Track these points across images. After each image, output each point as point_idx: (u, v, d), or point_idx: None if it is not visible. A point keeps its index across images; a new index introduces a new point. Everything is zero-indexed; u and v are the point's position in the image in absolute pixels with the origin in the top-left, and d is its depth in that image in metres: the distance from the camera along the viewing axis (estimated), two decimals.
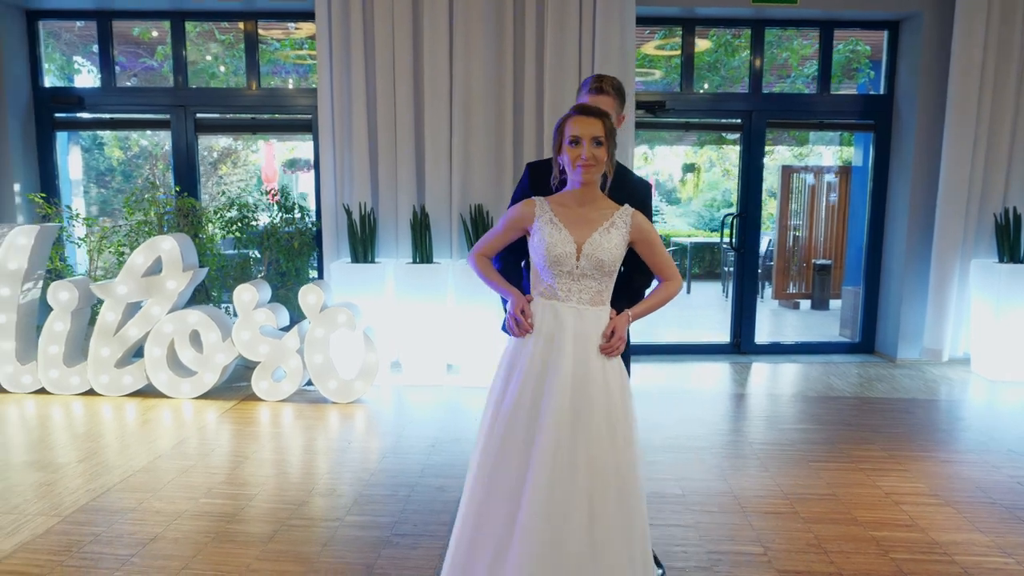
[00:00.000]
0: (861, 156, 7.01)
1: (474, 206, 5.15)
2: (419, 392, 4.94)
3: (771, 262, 9.25)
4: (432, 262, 5.11)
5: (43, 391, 4.78)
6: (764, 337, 6.73)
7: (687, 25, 5.67)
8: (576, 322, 2.13)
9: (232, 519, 3.03)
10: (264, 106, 5.72)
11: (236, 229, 5.48)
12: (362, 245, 5.09)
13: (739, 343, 6.06)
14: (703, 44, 8.55)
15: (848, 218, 8.33)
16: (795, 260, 8.89)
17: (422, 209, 5.11)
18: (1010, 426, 4.29)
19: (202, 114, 5.71)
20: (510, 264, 2.46)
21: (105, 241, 5.34)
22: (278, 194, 5.56)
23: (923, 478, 3.50)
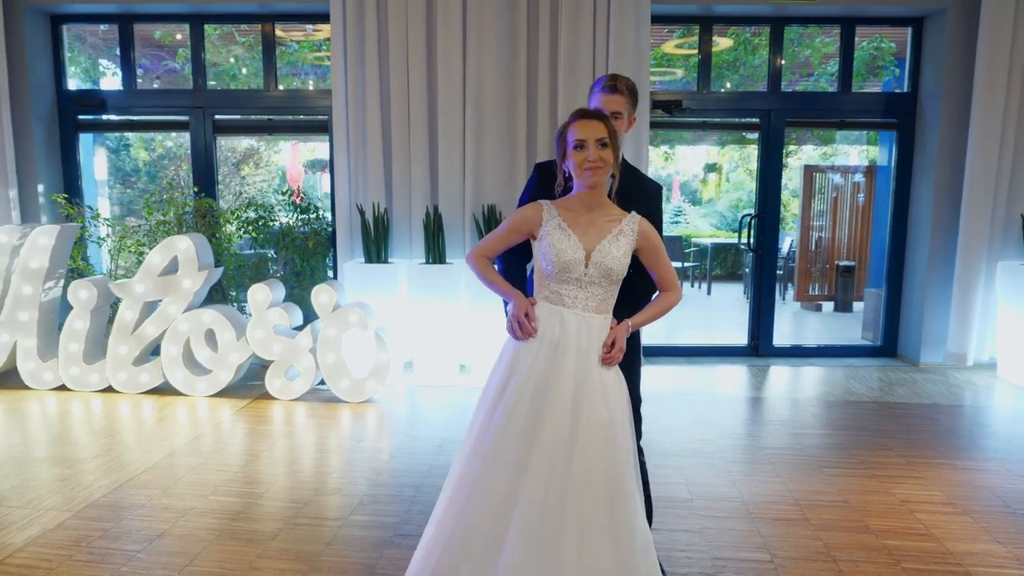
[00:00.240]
0: (886, 155, 6.87)
1: (487, 206, 5.14)
2: (431, 392, 4.94)
3: (793, 263, 9.11)
4: (445, 262, 5.12)
5: (64, 388, 4.87)
6: (784, 340, 6.63)
7: (704, 23, 5.60)
8: (582, 330, 2.11)
9: (238, 517, 3.06)
10: (281, 107, 5.78)
11: (252, 229, 5.54)
12: (375, 245, 5.11)
13: (757, 345, 5.97)
14: (725, 43, 8.46)
15: (873, 218, 8.18)
16: (818, 261, 8.74)
17: (435, 209, 5.11)
18: None
19: (220, 115, 5.78)
20: (514, 266, 2.42)
21: (125, 241, 5.43)
22: (301, 195, 5.62)
23: (941, 486, 3.41)
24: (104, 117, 5.89)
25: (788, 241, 9.74)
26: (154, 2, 5.39)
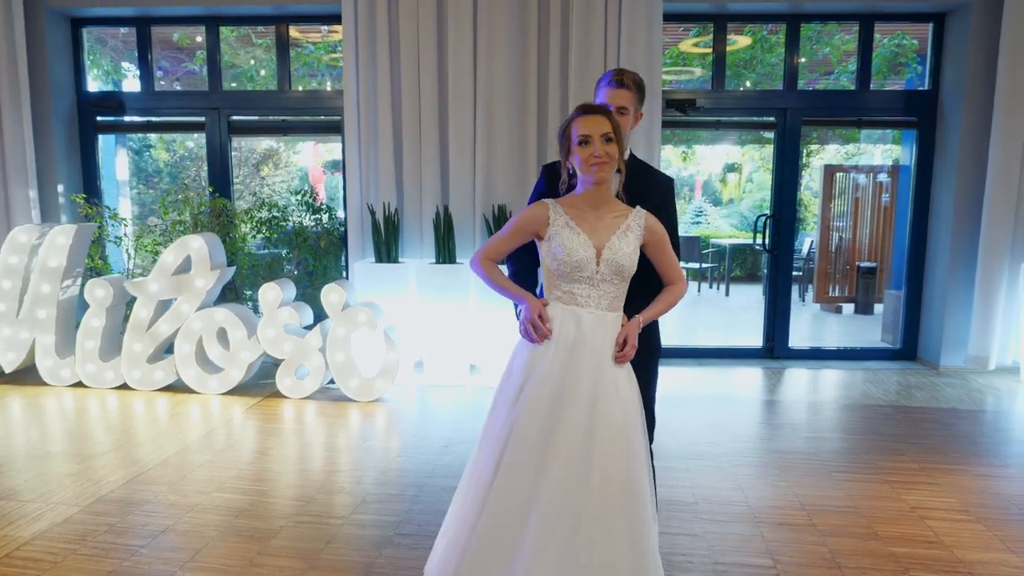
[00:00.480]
0: (909, 155, 6.73)
1: (497, 206, 5.14)
2: (441, 392, 4.94)
3: (813, 264, 8.97)
4: (455, 262, 5.12)
5: (80, 384, 4.96)
6: (801, 342, 6.53)
7: (718, 21, 5.53)
8: (597, 329, 2.08)
9: (242, 514, 3.08)
10: (296, 108, 5.82)
11: (266, 229, 5.59)
12: (385, 245, 5.13)
13: (772, 347, 5.89)
14: (743, 41, 8.36)
15: (895, 219, 8.02)
16: (839, 262, 8.59)
17: (445, 209, 5.11)
18: None
19: (236, 116, 5.84)
20: (525, 265, 2.41)
21: (142, 240, 5.51)
22: (313, 195, 5.66)
23: (955, 492, 3.33)
24: (124, 119, 5.98)
25: (808, 242, 9.59)
26: (170, 5, 5.47)
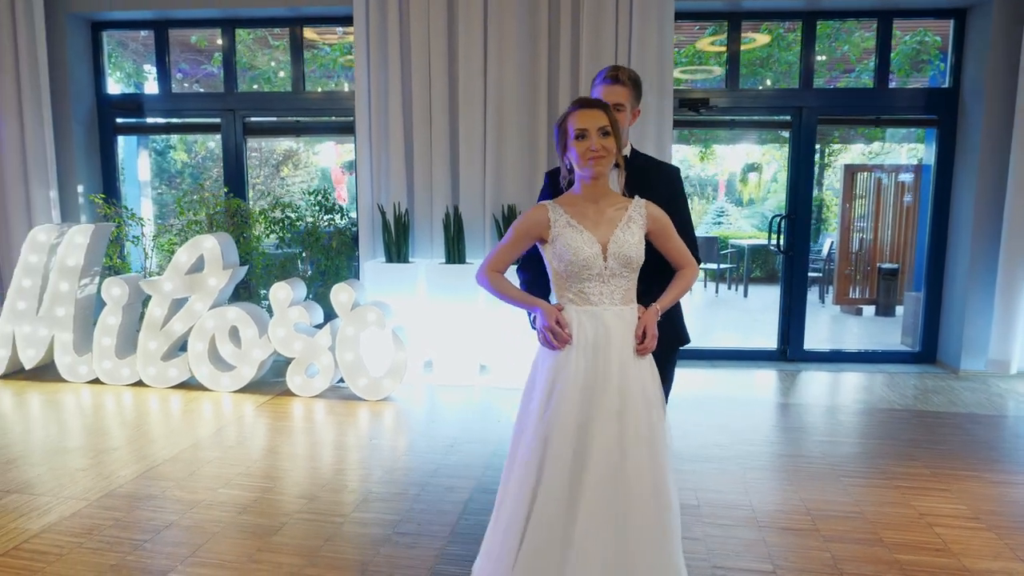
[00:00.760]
0: (931, 154, 6.59)
1: (506, 206, 5.13)
2: (450, 392, 4.95)
3: (833, 265, 8.83)
4: (465, 262, 5.12)
5: (98, 381, 5.06)
6: (819, 344, 6.43)
7: (732, 19, 5.47)
8: (618, 325, 2.06)
9: (245, 510, 3.12)
10: (309, 109, 5.87)
11: (279, 229, 5.65)
12: (395, 245, 5.15)
13: (786, 350, 5.80)
14: (761, 39, 8.27)
15: (918, 219, 7.86)
16: (859, 264, 8.45)
17: (455, 210, 5.12)
18: None
19: (251, 118, 5.91)
20: (535, 266, 2.37)
21: (159, 240, 5.60)
22: (328, 196, 5.70)
23: (967, 499, 3.25)
24: (143, 120, 6.09)
25: (828, 242, 9.45)
26: (188, 8, 5.55)
